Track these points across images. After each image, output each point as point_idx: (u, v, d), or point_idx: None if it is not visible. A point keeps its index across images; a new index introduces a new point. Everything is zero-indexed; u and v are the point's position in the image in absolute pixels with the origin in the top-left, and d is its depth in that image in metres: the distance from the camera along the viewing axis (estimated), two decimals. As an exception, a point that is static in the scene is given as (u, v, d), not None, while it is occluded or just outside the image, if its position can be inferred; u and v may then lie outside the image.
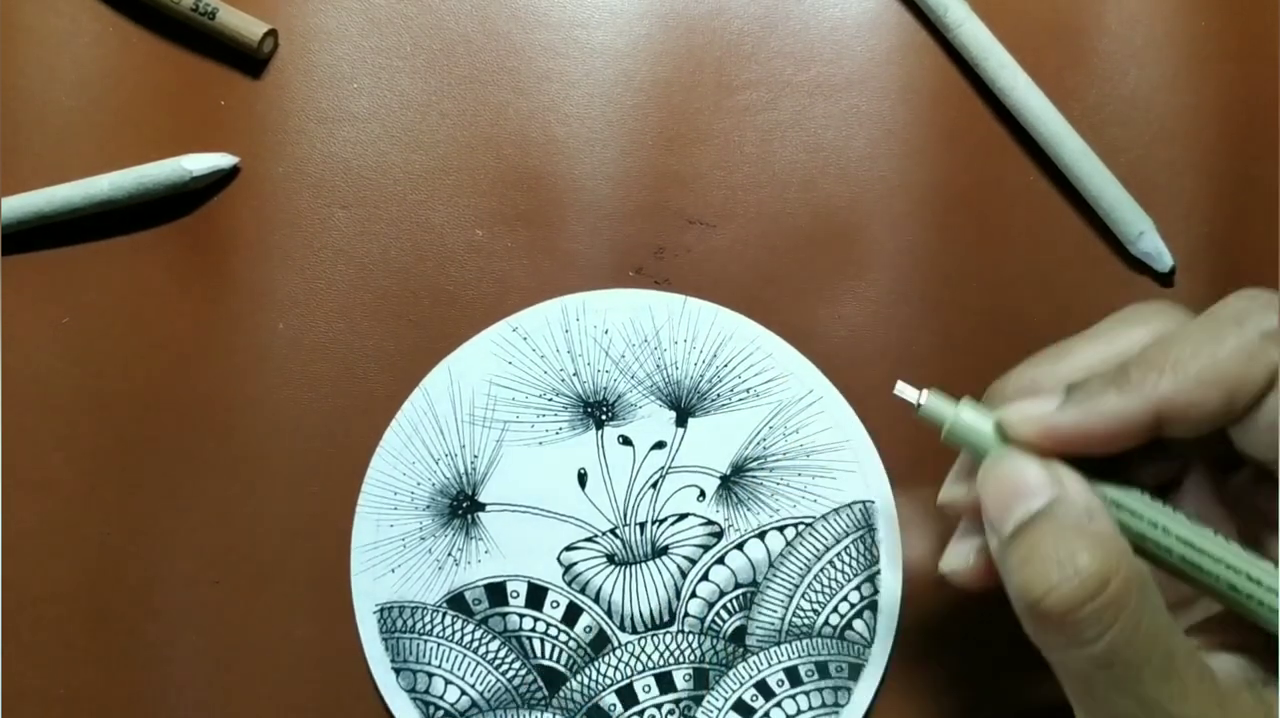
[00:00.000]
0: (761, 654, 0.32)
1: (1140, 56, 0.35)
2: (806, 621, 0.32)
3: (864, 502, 0.32)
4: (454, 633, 0.32)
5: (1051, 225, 0.34)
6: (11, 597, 0.33)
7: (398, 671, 0.32)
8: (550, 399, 0.33)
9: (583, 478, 0.33)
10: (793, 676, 0.32)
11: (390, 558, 0.33)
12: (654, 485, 0.33)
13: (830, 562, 0.32)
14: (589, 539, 0.33)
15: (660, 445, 0.33)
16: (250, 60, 0.36)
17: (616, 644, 0.32)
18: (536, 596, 0.33)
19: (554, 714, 0.32)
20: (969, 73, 0.35)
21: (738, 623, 0.32)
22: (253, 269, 0.35)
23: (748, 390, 0.33)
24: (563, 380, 0.33)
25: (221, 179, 0.35)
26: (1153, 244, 0.33)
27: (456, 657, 0.32)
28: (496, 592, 0.33)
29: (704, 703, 0.32)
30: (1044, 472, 0.23)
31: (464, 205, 0.35)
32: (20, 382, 0.34)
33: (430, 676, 0.32)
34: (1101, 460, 0.24)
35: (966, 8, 0.34)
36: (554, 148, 0.35)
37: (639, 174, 0.35)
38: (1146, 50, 0.34)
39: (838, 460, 0.33)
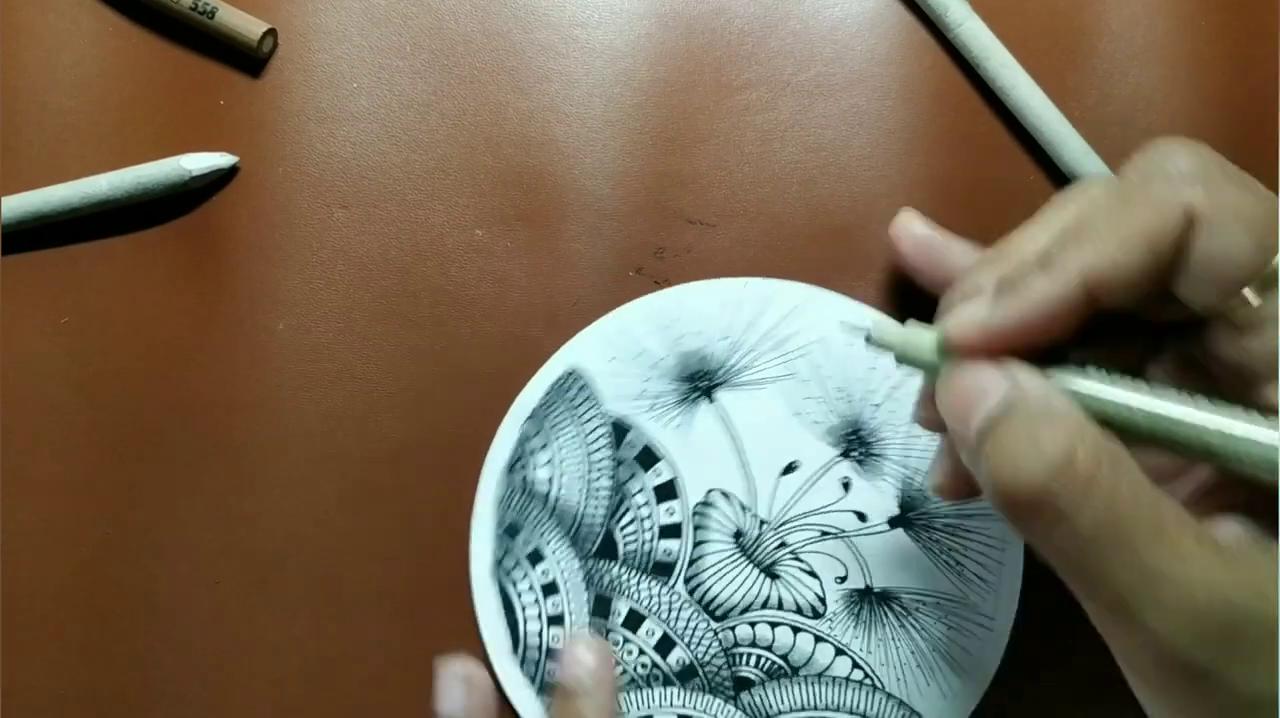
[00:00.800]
0: (740, 711, 0.32)
1: (1140, 57, 0.34)
2: None
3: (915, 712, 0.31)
4: (592, 443, 0.33)
5: (1051, 225, 0.34)
6: (11, 597, 0.33)
7: (525, 419, 0.33)
8: (837, 400, 0.33)
9: (789, 469, 0.32)
10: None
11: (623, 353, 0.33)
12: (824, 534, 0.32)
13: None
14: (742, 507, 0.32)
15: (861, 517, 0.32)
16: (250, 60, 0.35)
17: (670, 583, 0.32)
18: (666, 491, 0.33)
19: (576, 553, 0.32)
20: (969, 72, 0.34)
21: (751, 675, 0.32)
22: (252, 269, 0.35)
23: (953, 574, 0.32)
24: (850, 402, 0.33)
25: (220, 179, 0.35)
26: (1153, 244, 0.33)
27: (575, 456, 0.33)
28: (648, 455, 0.33)
29: (668, 689, 0.32)
30: (995, 374, 0.23)
31: (464, 205, 0.35)
32: (20, 382, 0.34)
33: (544, 446, 0.33)
34: (1071, 345, 0.23)
35: (967, 7, 0.34)
36: (554, 148, 0.35)
37: (639, 174, 0.35)
38: (1147, 50, 0.34)
39: (941, 679, 0.32)
